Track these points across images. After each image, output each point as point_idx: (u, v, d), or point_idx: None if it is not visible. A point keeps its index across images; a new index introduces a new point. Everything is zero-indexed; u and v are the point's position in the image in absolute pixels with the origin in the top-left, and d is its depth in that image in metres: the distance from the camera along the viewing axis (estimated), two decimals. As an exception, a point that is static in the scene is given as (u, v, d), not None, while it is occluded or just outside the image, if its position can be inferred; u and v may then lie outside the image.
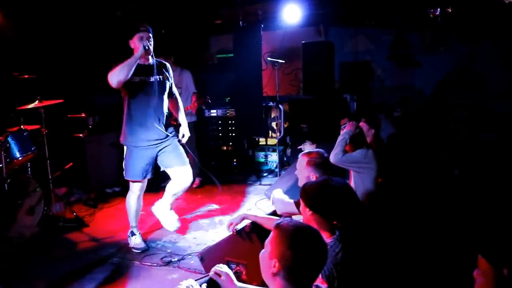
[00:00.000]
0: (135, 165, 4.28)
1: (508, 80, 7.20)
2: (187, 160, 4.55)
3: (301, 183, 3.17)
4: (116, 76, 3.85)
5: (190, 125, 6.50)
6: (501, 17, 6.42)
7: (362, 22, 7.87)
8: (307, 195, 2.53)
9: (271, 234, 1.92)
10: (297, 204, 3.38)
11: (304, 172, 3.24)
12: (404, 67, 7.95)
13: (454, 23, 7.10)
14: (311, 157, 3.25)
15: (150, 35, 4.09)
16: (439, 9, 6.68)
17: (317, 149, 3.42)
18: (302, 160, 3.30)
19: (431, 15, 6.77)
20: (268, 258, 1.88)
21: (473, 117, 7.06)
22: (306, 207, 2.53)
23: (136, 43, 4.04)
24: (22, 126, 5.13)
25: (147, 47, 3.97)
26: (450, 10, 6.69)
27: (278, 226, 1.91)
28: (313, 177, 3.11)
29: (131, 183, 4.42)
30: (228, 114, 7.52)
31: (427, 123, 7.20)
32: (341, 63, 8.07)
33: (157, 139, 4.30)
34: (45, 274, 4.00)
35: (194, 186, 6.66)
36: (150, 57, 4.13)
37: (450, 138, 6.84)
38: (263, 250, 1.95)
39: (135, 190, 4.42)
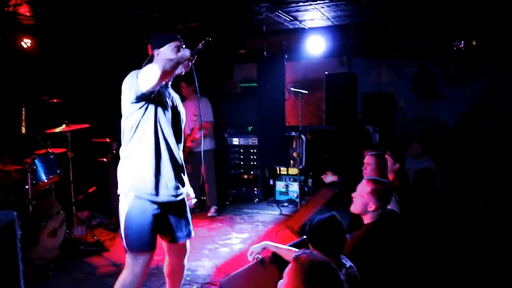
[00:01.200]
0: (150, 228, 2.87)
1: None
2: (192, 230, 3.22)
3: (356, 208, 3.12)
4: (161, 68, 2.66)
5: (210, 152, 6.69)
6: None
7: (386, 53, 7.92)
8: (311, 233, 2.57)
9: (289, 265, 1.92)
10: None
11: (364, 198, 3.11)
12: (428, 99, 7.93)
13: (478, 55, 7.09)
14: (377, 186, 3.12)
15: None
16: (463, 42, 6.69)
17: (382, 179, 3.30)
18: (366, 186, 3.14)
19: (455, 48, 6.77)
20: None
21: (499, 150, 6.96)
22: (314, 248, 2.55)
23: (168, 53, 2.98)
24: (49, 149, 5.23)
25: (195, 54, 2.93)
26: (474, 43, 6.69)
27: (296, 258, 1.90)
28: (372, 206, 3.04)
29: (133, 259, 2.91)
30: (250, 143, 7.58)
31: (452, 155, 7.12)
32: (364, 94, 8.08)
33: (179, 192, 3.04)
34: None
35: (209, 214, 6.72)
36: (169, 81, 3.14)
37: (475, 172, 6.73)
38: (281, 281, 1.95)
39: (139, 270, 2.92)
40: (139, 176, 2.87)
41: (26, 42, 6.18)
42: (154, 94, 2.80)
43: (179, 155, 3.06)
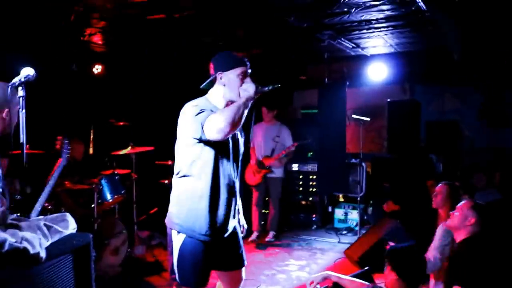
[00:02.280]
0: (203, 267, 2.82)
1: None
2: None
3: (453, 221, 3.14)
4: (230, 121, 2.54)
5: (280, 180, 6.74)
6: None
7: (450, 80, 7.70)
8: (395, 259, 2.53)
9: None
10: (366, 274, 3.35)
11: (464, 212, 3.13)
12: (497, 127, 7.59)
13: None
14: (479, 204, 3.19)
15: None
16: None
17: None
18: (467, 202, 3.22)
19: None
20: None
21: None
22: (392, 271, 2.51)
23: (233, 79, 2.80)
24: (114, 170, 5.42)
25: (259, 93, 2.71)
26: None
27: None
28: (471, 220, 3.05)
29: None
30: (309, 169, 7.55)
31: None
32: (427, 122, 7.84)
33: (232, 225, 2.96)
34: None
35: (266, 239, 6.66)
36: None
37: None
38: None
39: None
40: (193, 215, 2.76)
41: (97, 68, 6.53)
42: None
43: (237, 185, 2.94)
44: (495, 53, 6.37)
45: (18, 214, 2.31)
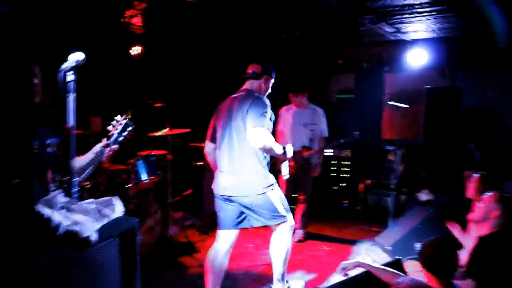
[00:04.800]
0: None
1: None
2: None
3: (476, 214, 3.12)
4: (268, 149, 3.56)
5: (309, 169, 5.94)
6: None
7: (492, 67, 7.46)
8: (423, 256, 2.50)
9: None
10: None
11: (491, 205, 3.11)
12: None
13: None
14: (506, 198, 3.13)
15: None
16: None
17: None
18: (493, 196, 3.16)
19: None
20: None
21: None
22: (422, 266, 2.48)
23: (269, 86, 3.94)
24: (151, 151, 5.50)
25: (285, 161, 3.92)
26: None
27: (398, 285, 1.86)
28: (495, 214, 3.00)
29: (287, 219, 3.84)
30: (343, 155, 7.47)
31: None
32: (466, 109, 7.63)
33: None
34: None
35: (295, 239, 5.83)
36: None
37: None
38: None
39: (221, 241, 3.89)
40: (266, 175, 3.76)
41: (136, 50, 6.61)
42: None
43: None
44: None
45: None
